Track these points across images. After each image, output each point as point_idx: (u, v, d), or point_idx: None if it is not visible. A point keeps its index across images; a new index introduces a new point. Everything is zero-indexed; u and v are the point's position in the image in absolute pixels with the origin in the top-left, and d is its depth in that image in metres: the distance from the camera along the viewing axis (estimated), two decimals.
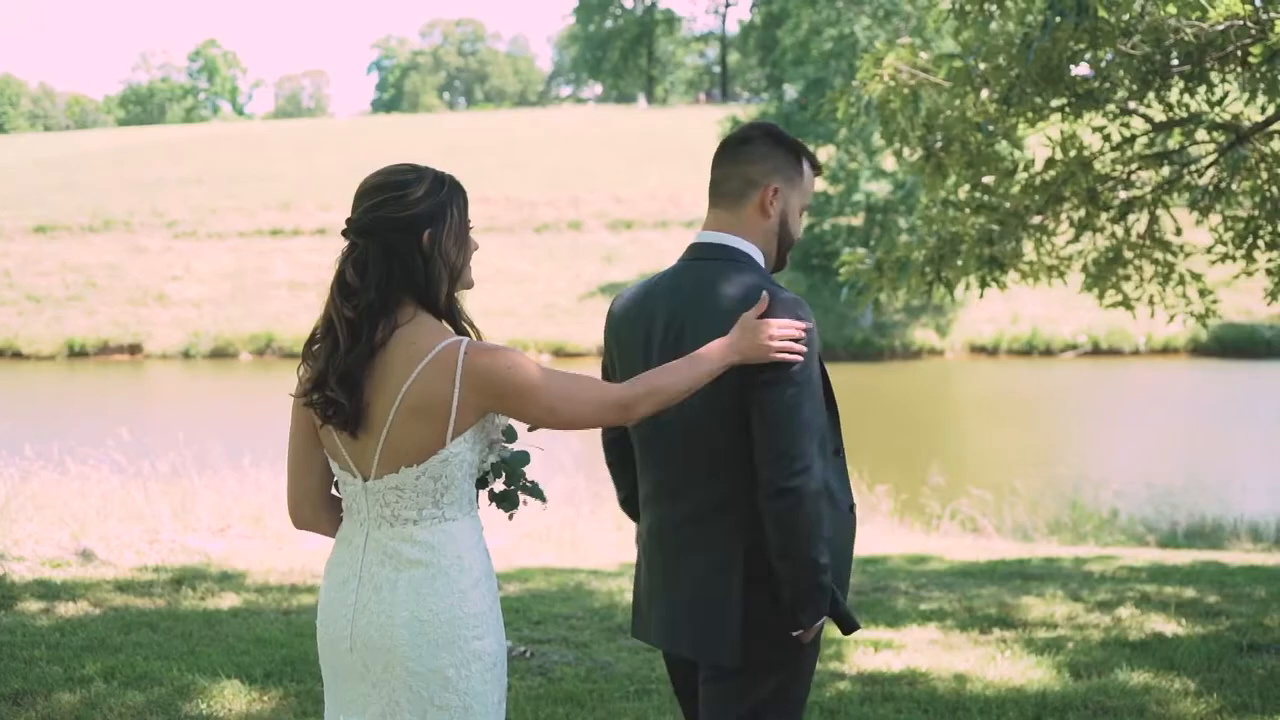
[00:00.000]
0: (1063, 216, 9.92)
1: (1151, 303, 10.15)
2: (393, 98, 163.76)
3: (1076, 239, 10.03)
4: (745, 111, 60.48)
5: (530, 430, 3.86)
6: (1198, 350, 46.88)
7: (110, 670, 7.46)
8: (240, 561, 11.58)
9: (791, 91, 54.58)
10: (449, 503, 3.73)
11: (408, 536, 3.71)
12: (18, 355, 52.26)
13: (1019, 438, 29.58)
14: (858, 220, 50.09)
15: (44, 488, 14.08)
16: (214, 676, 7.37)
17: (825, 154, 52.34)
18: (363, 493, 3.76)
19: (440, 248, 3.73)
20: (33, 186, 72.13)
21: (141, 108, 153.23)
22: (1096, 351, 48.33)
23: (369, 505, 3.76)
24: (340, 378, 3.66)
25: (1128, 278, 10.11)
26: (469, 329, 3.81)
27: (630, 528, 13.93)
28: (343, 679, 3.82)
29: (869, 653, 8.17)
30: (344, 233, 3.74)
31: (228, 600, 9.76)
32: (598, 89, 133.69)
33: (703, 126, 69.30)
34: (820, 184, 51.79)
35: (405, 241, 3.69)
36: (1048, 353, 48.97)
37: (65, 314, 55.02)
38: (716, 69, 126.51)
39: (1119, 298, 10.13)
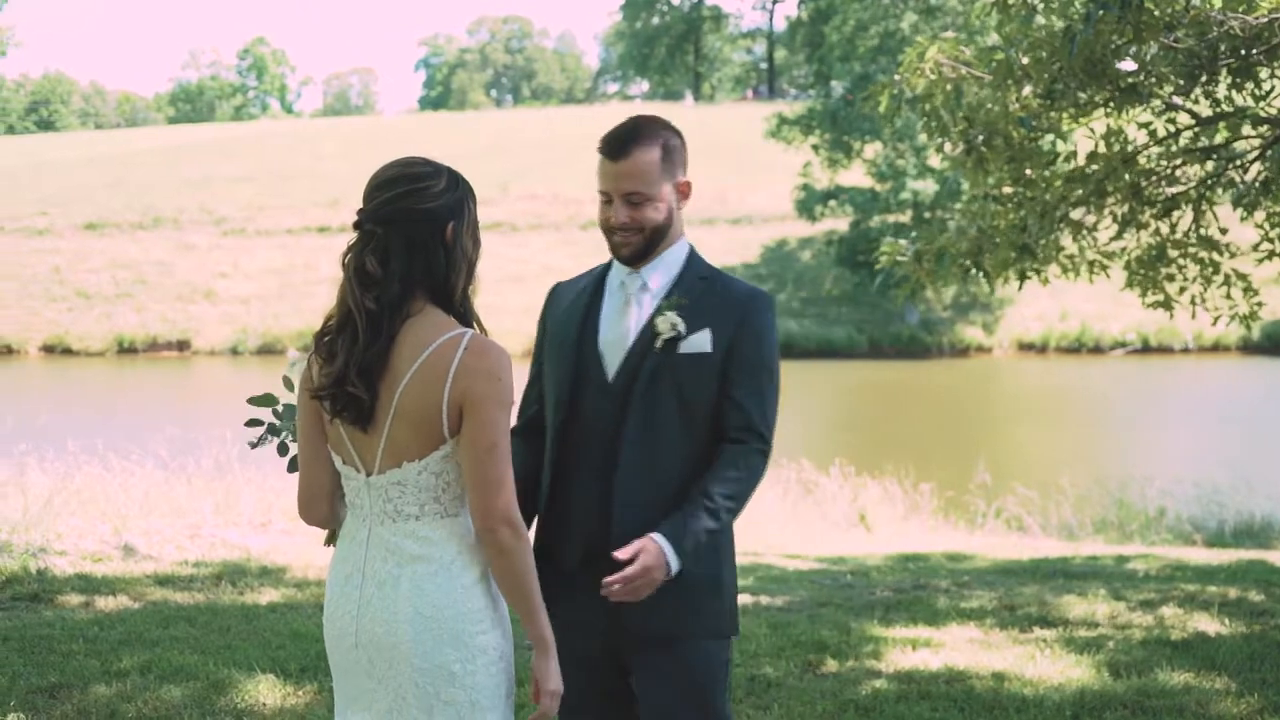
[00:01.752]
0: (1106, 212, 9.82)
1: (1194, 303, 10.03)
2: (440, 95, 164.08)
3: (1120, 235, 9.93)
4: (792, 108, 60.27)
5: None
6: (1248, 348, 46.53)
7: (146, 664, 7.50)
8: (280, 557, 11.60)
9: (838, 87, 54.39)
10: (451, 498, 3.72)
11: (410, 532, 3.71)
12: (68, 351, 52.69)
13: (1066, 435, 29.40)
14: (905, 218, 49.85)
15: (87, 483, 14.14)
16: (249, 671, 7.39)
17: (872, 151, 52.21)
18: (365, 488, 3.75)
19: (461, 242, 3.73)
20: (83, 184, 72.69)
21: (191, 106, 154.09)
22: (1146, 349, 48.04)
23: (371, 501, 3.75)
24: (360, 372, 3.65)
25: (1170, 278, 9.99)
26: (479, 324, 3.79)
27: None
28: (349, 675, 3.82)
29: (906, 651, 8.13)
30: (358, 223, 3.71)
31: (266, 595, 9.79)
32: (644, 86, 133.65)
33: (749, 123, 69.16)
34: (867, 181, 51.68)
35: (429, 234, 3.68)
36: (1097, 350, 48.70)
37: (115, 310, 55.43)
38: (763, 65, 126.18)
39: (1160, 297, 10.01)
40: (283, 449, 4.46)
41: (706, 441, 4.25)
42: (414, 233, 3.67)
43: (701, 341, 4.21)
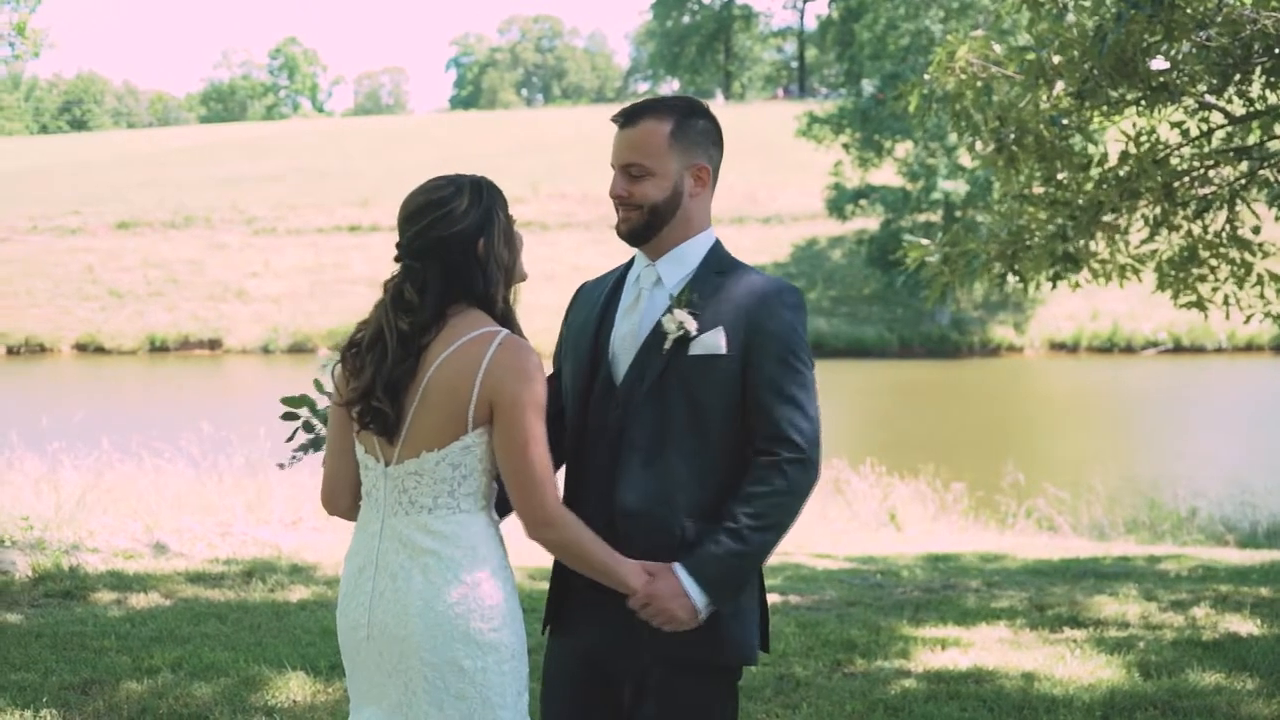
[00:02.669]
0: (1138, 214, 9.78)
1: (1226, 303, 9.98)
2: (471, 94, 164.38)
3: (1152, 237, 9.88)
4: (823, 107, 60.18)
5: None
6: None
7: (178, 661, 7.54)
8: (311, 554, 11.65)
9: (869, 86, 54.29)
10: (465, 494, 3.73)
11: (422, 525, 3.73)
12: (100, 350, 52.94)
13: (1097, 435, 29.29)
14: (936, 217, 49.72)
15: (120, 480, 14.23)
16: (280, 668, 7.42)
17: (903, 150, 52.08)
18: (383, 477, 3.78)
19: (494, 253, 3.76)
20: (116, 183, 73.05)
21: (223, 105, 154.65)
22: (1178, 349, 47.83)
23: (387, 491, 3.77)
24: (387, 388, 3.70)
25: (1203, 278, 9.94)
26: (519, 330, 3.82)
27: None
28: (361, 668, 3.84)
29: (935, 650, 8.11)
30: (398, 258, 3.77)
31: (297, 593, 9.83)
32: (675, 85, 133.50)
33: (780, 122, 69.06)
34: (898, 180, 51.57)
35: (461, 255, 3.73)
36: (1128, 350, 48.50)
37: (147, 309, 55.67)
38: (794, 64, 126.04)
39: (1193, 298, 9.96)
40: (317, 444, 4.47)
41: (726, 451, 3.91)
42: (448, 259, 3.73)
43: (714, 342, 3.87)
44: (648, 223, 4.00)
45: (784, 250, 59.08)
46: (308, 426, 4.51)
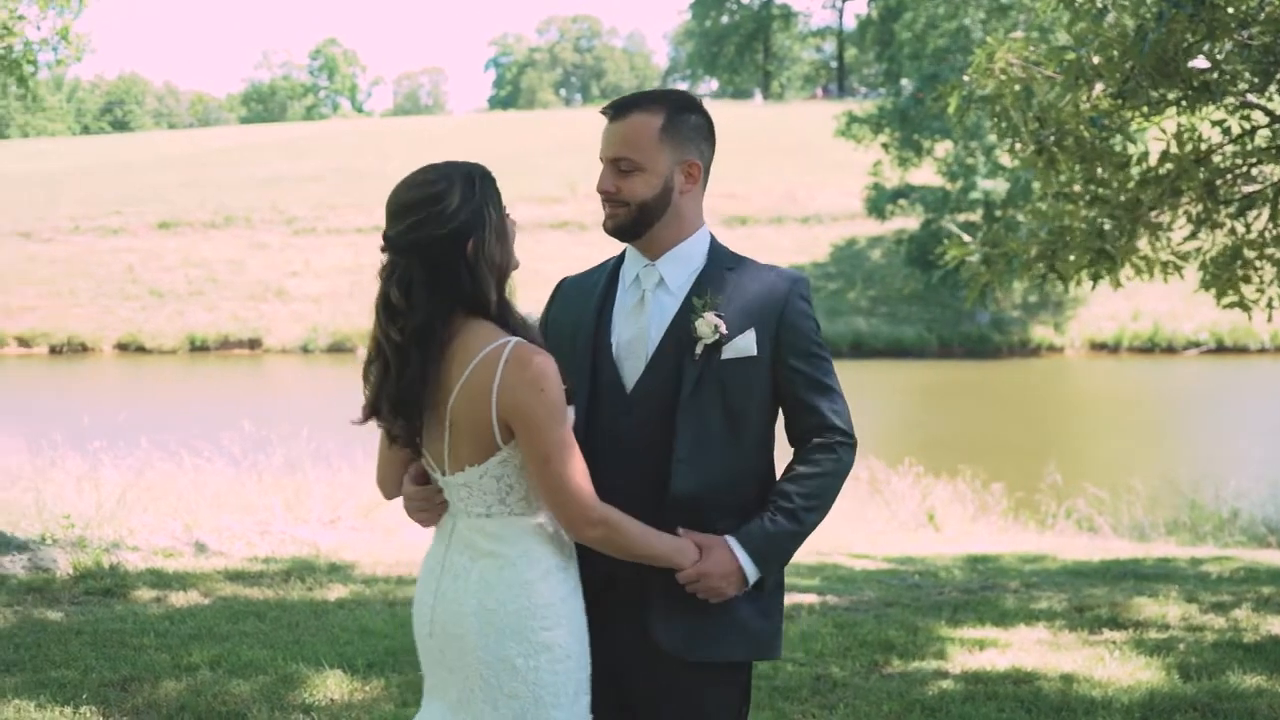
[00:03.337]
0: (1180, 211, 9.72)
1: (1270, 305, 9.92)
2: (510, 94, 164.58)
3: (1194, 235, 9.83)
4: (862, 106, 60.05)
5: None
6: None
7: (217, 659, 7.58)
8: (349, 553, 11.69)
9: (908, 86, 54.14)
10: (516, 499, 3.75)
11: (481, 528, 3.76)
12: (141, 349, 53.28)
13: (1138, 436, 29.11)
14: (976, 217, 49.53)
15: (160, 479, 14.32)
16: (317, 666, 7.46)
17: (942, 149, 51.91)
18: (446, 486, 3.82)
19: (485, 252, 3.70)
20: (157, 183, 73.44)
21: (263, 106, 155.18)
22: (1220, 349, 47.54)
23: (452, 496, 3.82)
24: (393, 406, 3.71)
25: (1246, 279, 9.88)
26: (521, 327, 3.77)
27: None
28: (428, 665, 3.89)
29: (973, 651, 8.08)
30: (383, 248, 3.74)
31: (335, 591, 9.86)
32: (714, 85, 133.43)
33: (819, 122, 68.94)
34: (938, 180, 51.41)
35: (449, 255, 3.67)
36: (1170, 350, 48.24)
37: (187, 309, 56.00)
38: (833, 64, 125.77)
39: (1236, 298, 9.90)
40: None
41: (758, 446, 3.93)
42: (436, 258, 3.67)
43: (746, 345, 3.85)
44: (636, 219, 3.92)
45: (823, 250, 58.97)
46: None
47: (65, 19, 15.75)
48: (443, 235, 3.65)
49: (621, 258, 4.14)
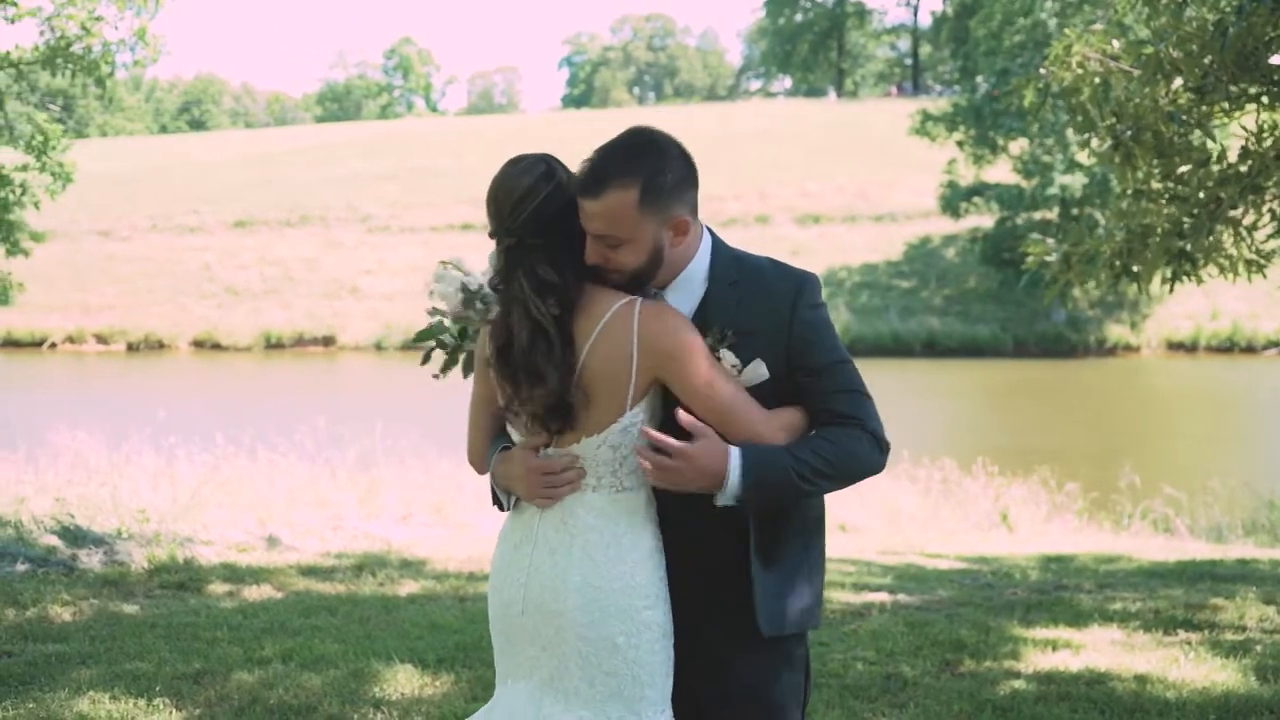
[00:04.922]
0: (1264, 209, 9.58)
1: None
2: (583, 93, 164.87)
3: (1278, 233, 9.68)
4: (937, 104, 59.71)
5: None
6: None
7: (288, 652, 7.63)
8: (421, 549, 11.75)
9: (983, 83, 53.76)
10: (627, 473, 3.73)
11: (584, 502, 3.73)
12: (217, 346, 53.77)
13: (1215, 436, 28.80)
14: (1052, 215, 49.13)
15: (234, 475, 14.45)
16: (388, 661, 7.49)
17: (1018, 147, 51.54)
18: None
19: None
20: (233, 182, 74.12)
21: (338, 105, 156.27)
22: None
23: None
24: (563, 381, 3.66)
25: None
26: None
27: None
28: (514, 643, 3.83)
29: (1046, 652, 8.01)
30: (519, 241, 3.70)
31: (406, 587, 9.91)
32: (787, 83, 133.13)
33: (893, 120, 68.68)
34: (1013, 177, 51.03)
35: (573, 226, 3.71)
36: (1249, 350, 47.64)
37: (263, 306, 56.48)
38: (908, 61, 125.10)
39: None
40: (456, 361, 4.46)
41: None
42: (569, 229, 3.70)
43: (757, 374, 3.76)
44: (632, 281, 3.79)
45: (897, 249, 58.69)
46: (441, 345, 4.51)
47: (142, 19, 15.92)
48: (566, 208, 3.69)
49: None
